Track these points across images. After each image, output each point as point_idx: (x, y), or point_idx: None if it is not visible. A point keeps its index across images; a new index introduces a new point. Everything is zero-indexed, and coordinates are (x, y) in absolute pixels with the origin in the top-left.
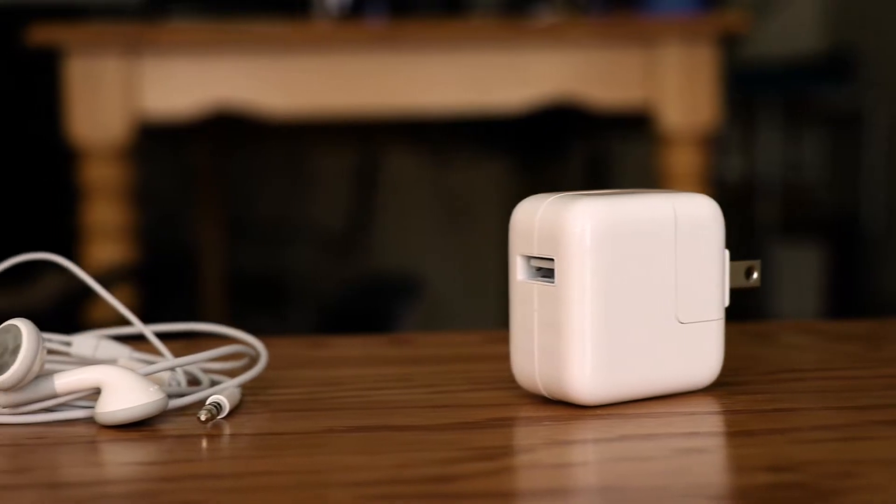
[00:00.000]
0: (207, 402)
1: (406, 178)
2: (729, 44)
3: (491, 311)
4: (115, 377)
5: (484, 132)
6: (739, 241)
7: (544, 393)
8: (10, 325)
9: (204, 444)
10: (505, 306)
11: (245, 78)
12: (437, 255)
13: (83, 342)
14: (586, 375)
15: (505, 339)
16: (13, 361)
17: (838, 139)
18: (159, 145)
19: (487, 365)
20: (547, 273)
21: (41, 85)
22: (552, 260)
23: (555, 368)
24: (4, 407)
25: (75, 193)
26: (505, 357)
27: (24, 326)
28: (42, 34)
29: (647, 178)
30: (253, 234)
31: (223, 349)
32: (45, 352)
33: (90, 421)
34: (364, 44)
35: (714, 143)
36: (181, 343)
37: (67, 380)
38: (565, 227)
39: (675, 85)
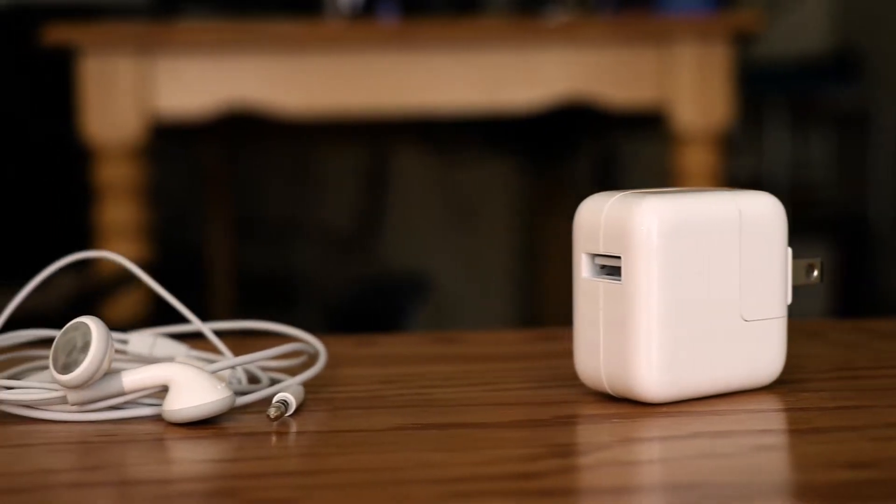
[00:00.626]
0: (275, 400)
1: (414, 178)
2: (741, 43)
3: (499, 309)
4: (182, 375)
5: (492, 132)
6: None
7: (609, 390)
8: (78, 322)
9: (276, 441)
10: (513, 305)
11: (258, 77)
12: (444, 254)
13: (140, 340)
14: (653, 373)
15: (551, 337)
16: (83, 359)
17: (845, 139)
18: (167, 145)
19: (542, 362)
20: (612, 271)
21: (54, 84)
22: (619, 258)
23: (621, 366)
24: (72, 405)
25: (89, 193)
26: (559, 354)
27: (93, 324)
28: (57, 34)
29: (658, 177)
30: (261, 233)
31: (285, 347)
32: (113, 350)
33: (156, 418)
34: (377, 43)
35: (727, 143)
36: (232, 341)
37: (135, 377)
38: (633, 225)
39: (689, 84)
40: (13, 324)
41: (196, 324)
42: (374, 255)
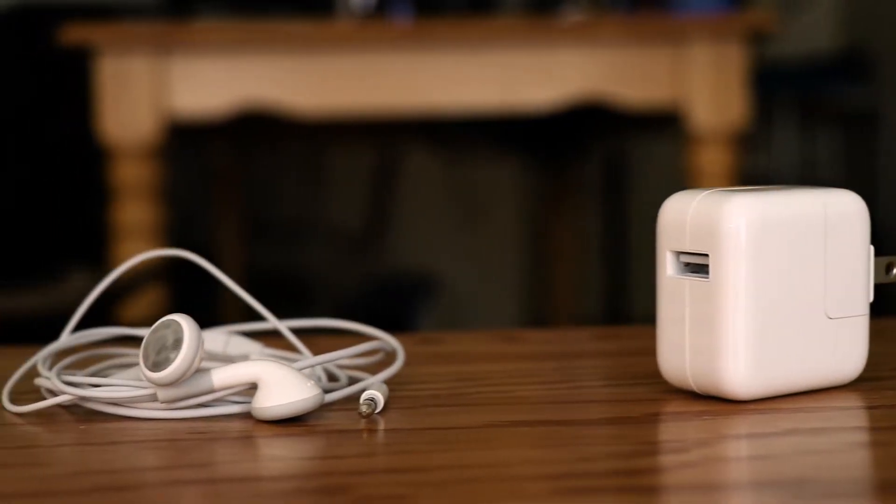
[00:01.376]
0: (364, 398)
1: (423, 178)
2: (756, 43)
3: (508, 309)
4: (272, 373)
5: (501, 131)
6: None
7: (694, 388)
8: (169, 320)
9: (370, 438)
10: (521, 304)
11: (273, 77)
12: (454, 253)
13: (214, 338)
14: (740, 370)
15: (608, 336)
16: (175, 357)
17: (853, 138)
18: (176, 145)
19: (615, 360)
20: (698, 268)
21: (68, 83)
22: (706, 255)
23: (707, 363)
24: (162, 402)
25: (104, 192)
26: (626, 352)
27: (184, 322)
28: (74, 34)
29: (668, 176)
30: (270, 233)
31: (365, 345)
32: (203, 347)
33: (244, 416)
34: (391, 43)
35: (742, 142)
36: (301, 339)
37: (225, 375)
38: (722, 223)
39: (705, 84)
40: (29, 325)
41: (272, 322)
42: (383, 255)
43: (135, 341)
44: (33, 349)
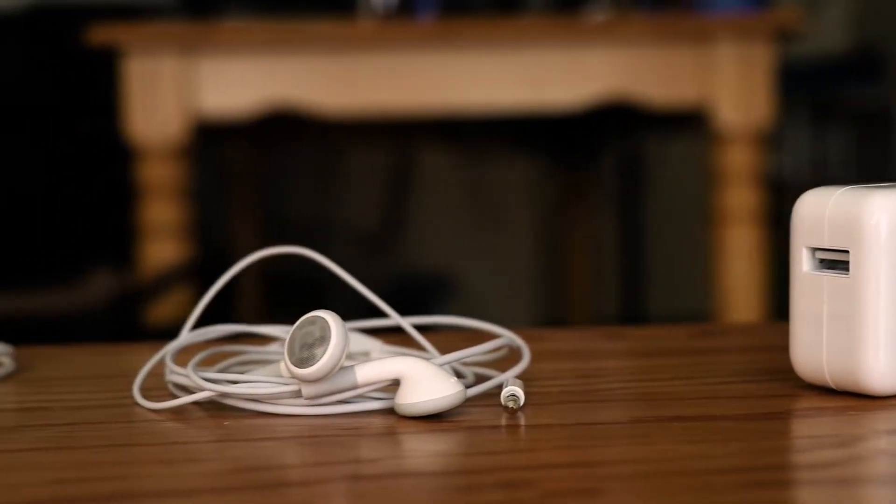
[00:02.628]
0: (507, 394)
1: (439, 177)
2: (782, 42)
3: (524, 308)
4: (416, 369)
5: (518, 131)
6: None
7: (831, 384)
8: (315, 316)
9: (523, 433)
10: (538, 304)
11: (300, 77)
12: (470, 253)
13: None
14: (880, 366)
15: (712, 332)
16: (322, 353)
17: (865, 138)
18: (195, 145)
19: (733, 357)
20: (834, 264)
21: (91, 82)
22: (846, 252)
23: (847, 359)
24: (306, 398)
25: (127, 192)
26: (744, 349)
27: (330, 318)
28: (102, 34)
29: (685, 176)
30: (287, 232)
31: (493, 343)
32: (349, 344)
33: (385, 412)
34: (417, 43)
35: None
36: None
37: (369, 372)
38: (863, 220)
39: (730, 83)
40: (50, 325)
41: (395, 318)
42: (399, 255)
43: (254, 338)
44: (137, 347)
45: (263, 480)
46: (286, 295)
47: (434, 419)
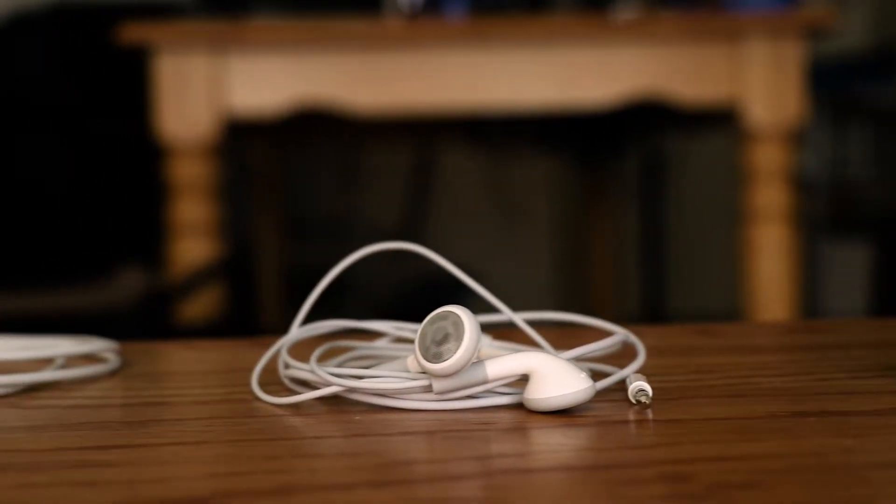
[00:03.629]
0: (636, 389)
1: (461, 175)
2: (813, 39)
3: (546, 306)
4: (545, 364)
5: (540, 129)
6: None
7: None
8: (447, 311)
9: (656, 428)
10: (560, 302)
11: (331, 75)
12: (491, 251)
13: None
14: None
15: (803, 330)
16: (457, 348)
17: (885, 137)
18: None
19: (836, 353)
20: None
21: (119, 81)
22: None
23: None
24: (436, 393)
25: (156, 190)
26: (848, 345)
27: (463, 314)
28: (133, 33)
29: (707, 174)
30: (308, 231)
31: (610, 339)
32: (481, 339)
33: (513, 407)
34: (449, 41)
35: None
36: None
37: (499, 367)
38: None
39: (762, 81)
40: (79, 323)
41: (507, 314)
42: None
43: (362, 334)
44: (227, 342)
45: (385, 478)
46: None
47: (562, 414)
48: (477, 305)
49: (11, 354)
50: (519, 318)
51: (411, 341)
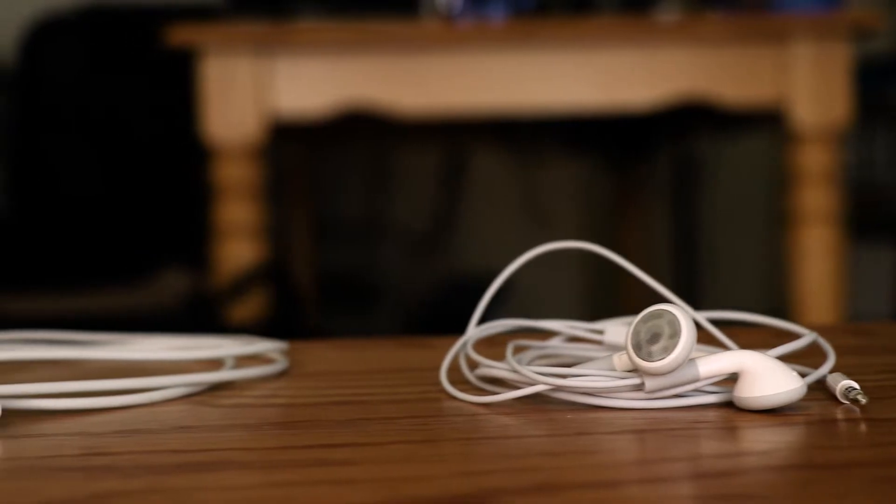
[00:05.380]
0: (845, 387)
1: (491, 177)
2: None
3: (576, 310)
4: (757, 362)
5: (571, 131)
6: None
7: None
8: (661, 310)
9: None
10: (590, 306)
11: (376, 77)
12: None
13: (615, 330)
14: None
15: None
16: (674, 346)
17: None
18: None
19: None
20: None
21: (160, 83)
22: None
23: None
24: (648, 391)
25: (198, 191)
26: None
27: (678, 312)
28: (180, 35)
29: (740, 176)
30: (338, 233)
31: (803, 340)
32: (696, 337)
33: (720, 406)
34: (492, 43)
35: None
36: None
37: (711, 366)
38: None
39: (807, 83)
40: (125, 323)
41: (691, 314)
42: (451, 255)
43: (538, 333)
44: (389, 341)
45: (591, 480)
46: (337, 295)
47: (772, 413)
48: (510, 306)
49: (180, 354)
50: (702, 317)
51: (584, 340)
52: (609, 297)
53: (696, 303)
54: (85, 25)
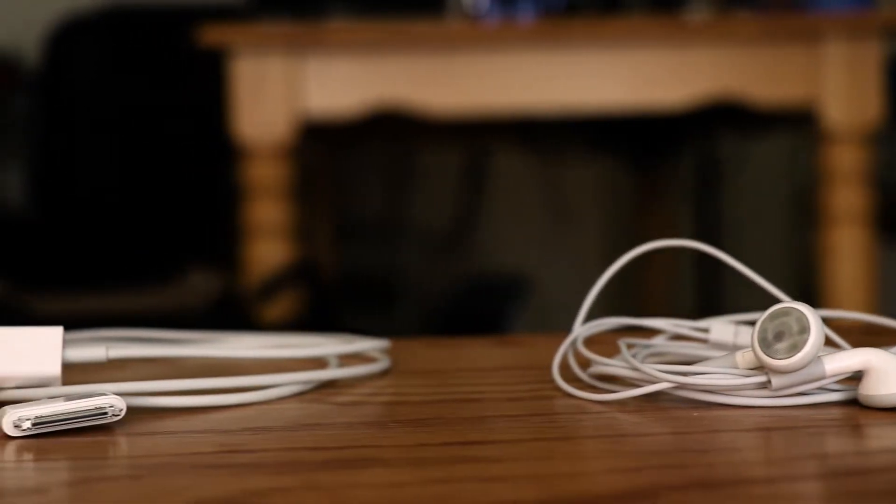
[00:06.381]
0: None
1: (513, 177)
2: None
3: (599, 310)
4: (884, 360)
5: (593, 130)
6: None
7: None
8: (788, 307)
9: None
10: (613, 306)
11: (406, 76)
12: (543, 254)
13: (721, 328)
14: None
15: None
16: (804, 344)
17: None
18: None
19: None
20: None
21: (185, 82)
22: None
23: None
24: (774, 389)
25: (225, 191)
26: None
27: (805, 309)
28: (211, 35)
29: (761, 177)
30: (359, 233)
31: None
32: (824, 336)
33: (844, 403)
34: (524, 42)
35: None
36: None
37: (837, 363)
38: None
39: (839, 82)
40: (155, 323)
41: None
42: (472, 256)
43: (642, 331)
44: (485, 339)
45: (714, 477)
46: (357, 295)
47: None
48: (532, 305)
49: (282, 353)
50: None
51: (688, 338)
52: (630, 296)
53: (717, 303)
54: (108, 26)
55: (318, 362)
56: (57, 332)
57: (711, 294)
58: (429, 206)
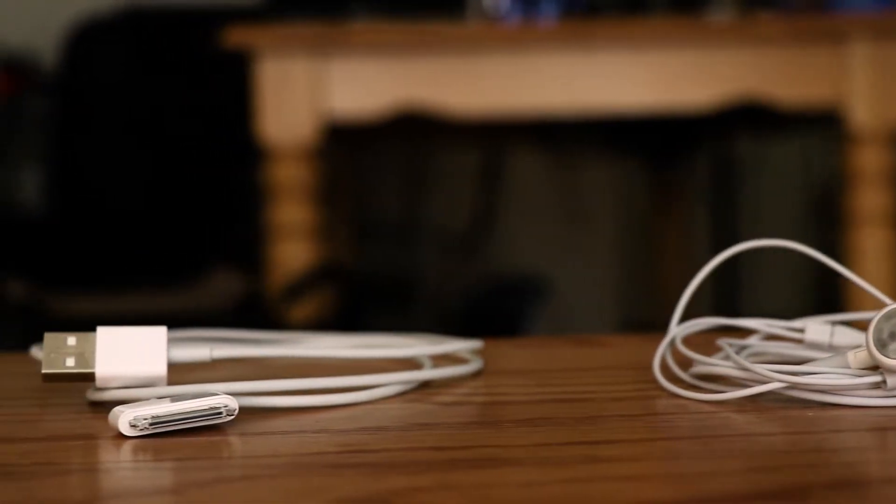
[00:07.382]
0: None
1: (528, 178)
2: None
3: (615, 312)
4: None
5: (609, 131)
6: None
7: None
8: None
9: None
10: (629, 307)
11: (431, 78)
12: (560, 255)
13: (817, 328)
14: None
15: None
16: None
17: None
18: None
19: None
20: None
21: (206, 84)
22: None
23: None
24: (889, 389)
25: (249, 192)
26: None
27: None
28: (236, 37)
29: (778, 178)
30: (376, 234)
31: None
32: None
33: None
34: (547, 43)
35: None
36: None
37: None
38: None
39: (865, 83)
40: (182, 324)
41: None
42: (490, 257)
43: (734, 331)
44: (558, 340)
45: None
46: (374, 296)
47: None
48: (548, 306)
49: (376, 353)
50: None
51: (783, 338)
52: (648, 300)
53: (734, 305)
54: (127, 27)
55: (411, 363)
56: (161, 331)
57: (728, 299)
58: (446, 207)
